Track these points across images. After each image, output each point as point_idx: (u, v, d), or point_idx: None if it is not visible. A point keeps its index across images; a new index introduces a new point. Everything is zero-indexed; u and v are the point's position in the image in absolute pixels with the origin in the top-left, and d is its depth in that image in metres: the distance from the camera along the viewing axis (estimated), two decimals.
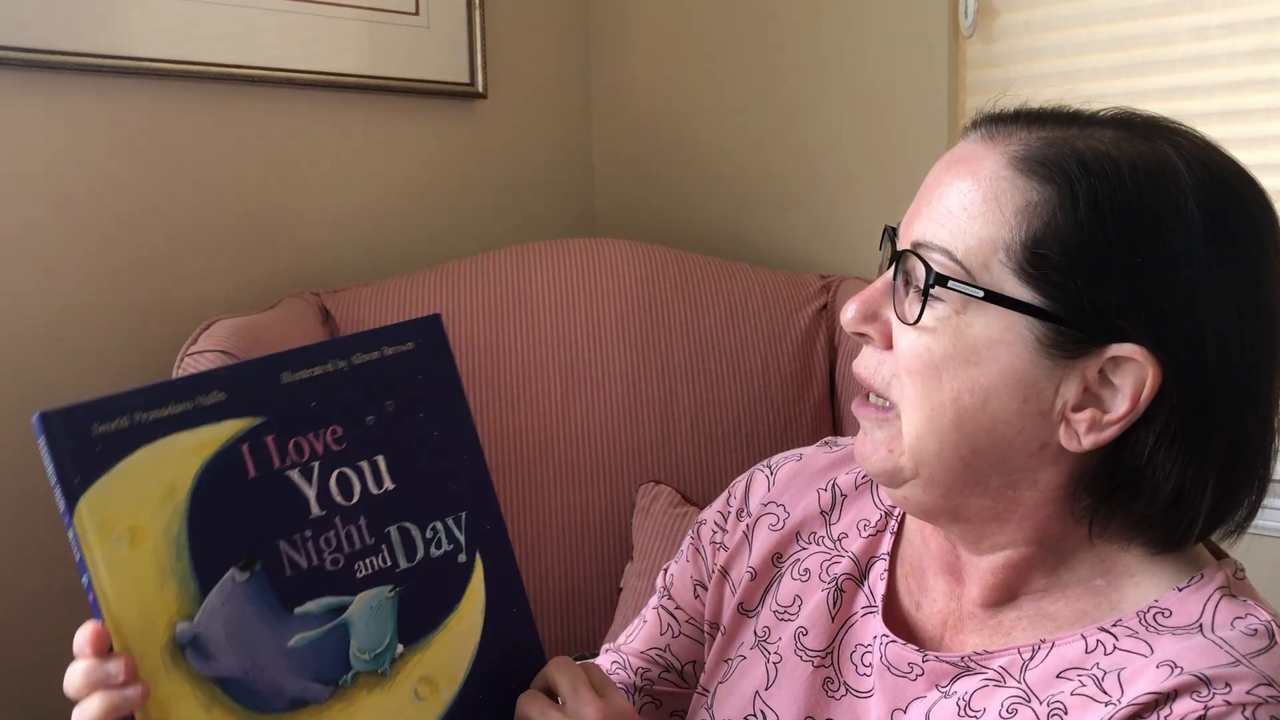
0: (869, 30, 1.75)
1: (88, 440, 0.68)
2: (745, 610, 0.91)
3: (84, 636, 0.67)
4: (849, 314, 0.76)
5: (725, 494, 0.97)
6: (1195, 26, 1.47)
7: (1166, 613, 0.72)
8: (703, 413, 1.60)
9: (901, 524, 0.86)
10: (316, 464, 0.73)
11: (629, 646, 0.96)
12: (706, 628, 0.94)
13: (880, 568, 0.85)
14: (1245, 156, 1.50)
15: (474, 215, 1.97)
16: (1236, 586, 0.73)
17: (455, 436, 0.79)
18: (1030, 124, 0.74)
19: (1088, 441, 0.70)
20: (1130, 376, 0.69)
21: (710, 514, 0.97)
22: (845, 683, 0.82)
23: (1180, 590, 0.72)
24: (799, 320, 1.65)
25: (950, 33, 1.67)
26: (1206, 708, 0.64)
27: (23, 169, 1.48)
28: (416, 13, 1.84)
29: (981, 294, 0.70)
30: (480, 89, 1.93)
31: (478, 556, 0.78)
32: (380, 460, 0.75)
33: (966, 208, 0.72)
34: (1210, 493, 0.71)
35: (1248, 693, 0.64)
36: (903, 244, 0.75)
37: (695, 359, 1.62)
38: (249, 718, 0.71)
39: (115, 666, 0.67)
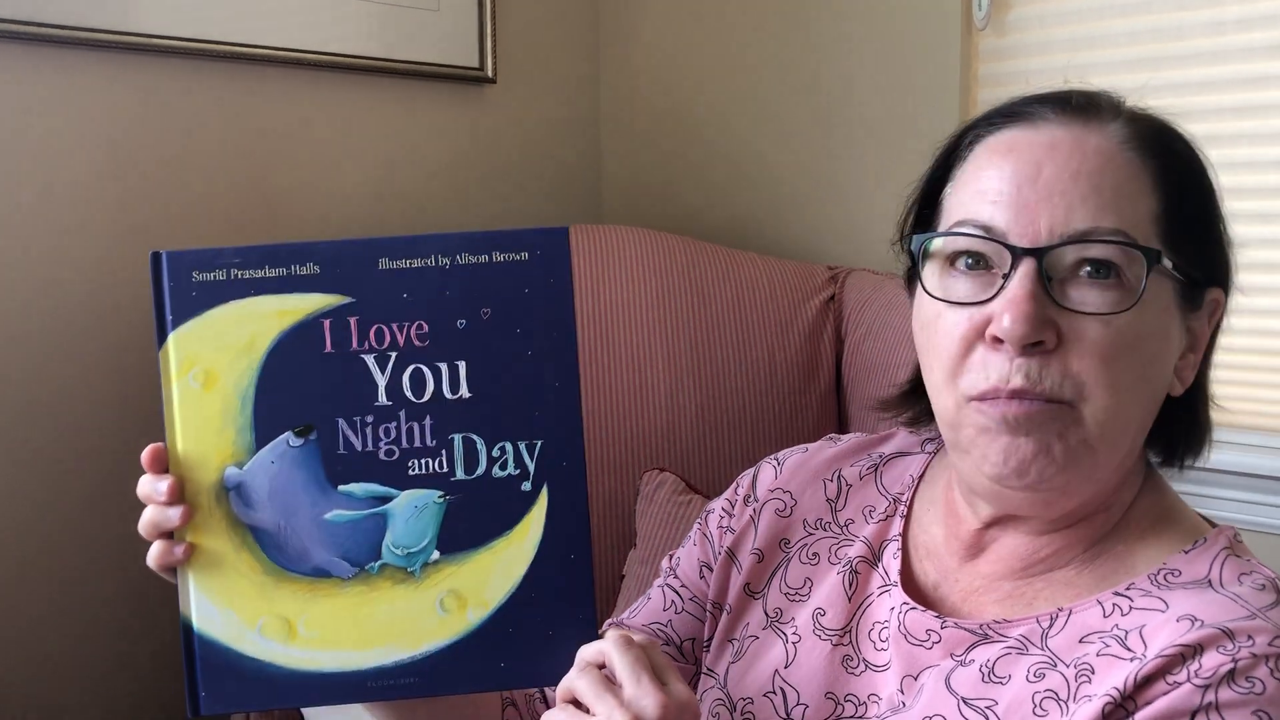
0: (881, 20, 1.75)
1: (187, 284, 0.75)
2: (752, 592, 0.92)
3: (148, 453, 0.77)
4: (1022, 326, 0.71)
5: (733, 485, 0.99)
6: (1210, 21, 1.46)
7: (1176, 572, 0.75)
8: (708, 401, 1.60)
9: (910, 509, 0.89)
10: (394, 354, 0.75)
11: (632, 621, 0.98)
12: (709, 607, 0.95)
13: (894, 548, 0.87)
14: (1260, 152, 1.50)
15: (481, 200, 1.97)
16: (1238, 548, 0.78)
17: (552, 361, 0.77)
18: (1095, 104, 0.78)
19: (1189, 378, 0.78)
20: (1206, 315, 0.78)
21: (718, 503, 0.99)
22: (864, 659, 0.84)
23: (1186, 553, 0.76)
24: (806, 311, 1.65)
25: (963, 25, 1.66)
26: (1235, 660, 0.67)
27: (29, 146, 1.48)
28: None
29: (1171, 266, 0.74)
30: (490, 74, 1.92)
31: (545, 489, 0.76)
32: (461, 366, 0.76)
33: (1119, 187, 0.73)
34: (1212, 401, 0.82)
35: (1269, 644, 0.68)
36: (1038, 239, 0.72)
37: (701, 347, 1.62)
38: (271, 570, 0.76)
39: (164, 485, 0.77)
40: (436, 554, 0.76)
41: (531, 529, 0.77)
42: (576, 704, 0.72)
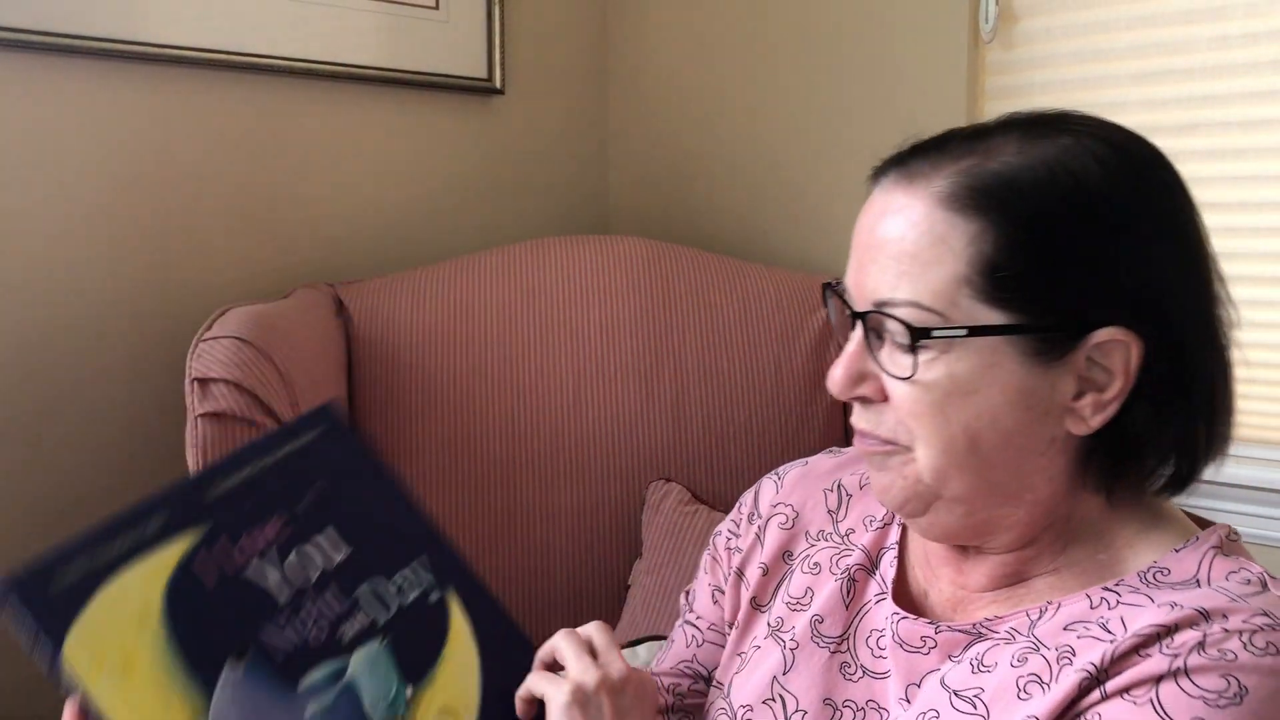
0: (889, 33, 1.75)
1: (48, 601, 0.72)
2: (758, 605, 0.94)
3: None
4: (836, 385, 0.78)
5: (736, 505, 1.01)
6: (1216, 35, 1.46)
7: (1165, 571, 0.76)
8: (714, 412, 1.60)
9: None
10: (274, 551, 0.78)
11: (659, 668, 1.01)
12: (727, 630, 0.97)
13: (890, 556, 0.88)
14: (1267, 167, 1.50)
15: (488, 210, 1.98)
16: (1229, 547, 0.78)
17: (388, 493, 0.86)
18: (937, 157, 0.77)
19: (1095, 422, 0.74)
20: (1116, 355, 0.73)
21: (724, 525, 1.01)
22: (862, 665, 0.85)
23: (1177, 551, 0.77)
24: (813, 322, 1.65)
25: (970, 37, 1.66)
26: (1205, 634, 0.69)
27: (37, 154, 1.48)
28: (436, 7, 1.84)
29: (965, 332, 0.73)
30: (498, 84, 1.93)
31: (451, 589, 0.84)
32: (330, 530, 0.81)
33: (916, 255, 0.74)
34: (1203, 435, 0.77)
35: (1244, 621, 0.69)
36: (861, 304, 0.78)
37: (708, 358, 1.62)
38: None
39: None
40: (409, 688, 0.80)
41: (460, 625, 0.84)
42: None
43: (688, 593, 1.04)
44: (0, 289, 1.46)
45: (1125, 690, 0.69)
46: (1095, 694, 0.71)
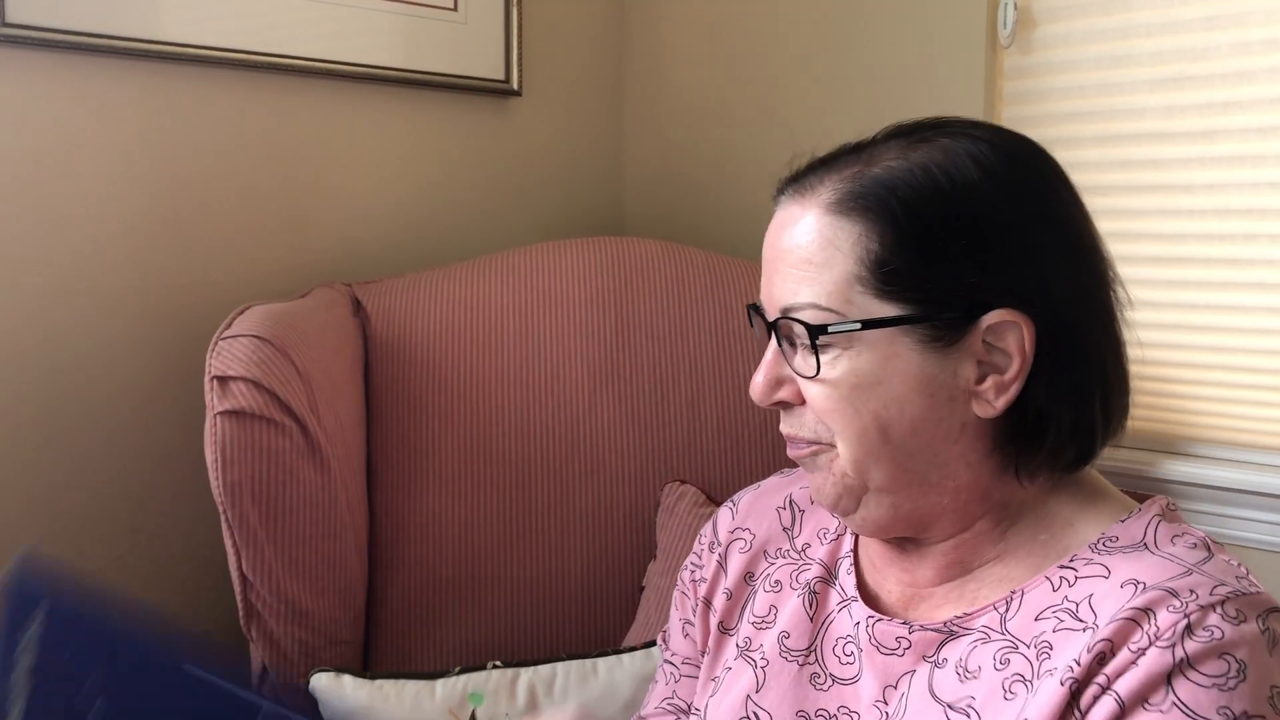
0: (906, 36, 1.75)
1: None
2: (725, 629, 0.97)
3: None
4: (756, 392, 0.84)
5: (697, 538, 1.05)
6: (1236, 42, 1.46)
7: (1114, 539, 0.80)
8: (729, 414, 1.60)
9: None
10: None
11: (645, 710, 1.05)
12: (700, 660, 1.01)
13: (847, 564, 0.92)
14: None
15: (504, 211, 1.98)
16: (1169, 515, 0.82)
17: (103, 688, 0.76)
18: (825, 171, 0.83)
19: (1000, 404, 0.79)
20: (1009, 336, 0.78)
21: (688, 560, 1.05)
22: (831, 674, 0.88)
23: (1123, 522, 0.81)
24: None
25: (988, 42, 1.66)
26: (1186, 616, 0.71)
27: (57, 153, 1.49)
28: (455, 9, 1.85)
29: (859, 326, 0.78)
30: (515, 86, 1.93)
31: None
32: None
33: (810, 260, 0.80)
34: (1099, 410, 0.81)
35: (1211, 593, 0.72)
36: (772, 314, 0.83)
37: (723, 360, 1.62)
38: None
39: None
40: None
41: None
42: None
43: (664, 632, 1.07)
44: (20, 287, 1.47)
45: (1144, 700, 0.70)
46: (1096, 694, 0.72)
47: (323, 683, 1.31)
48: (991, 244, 0.78)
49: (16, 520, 1.48)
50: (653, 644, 1.36)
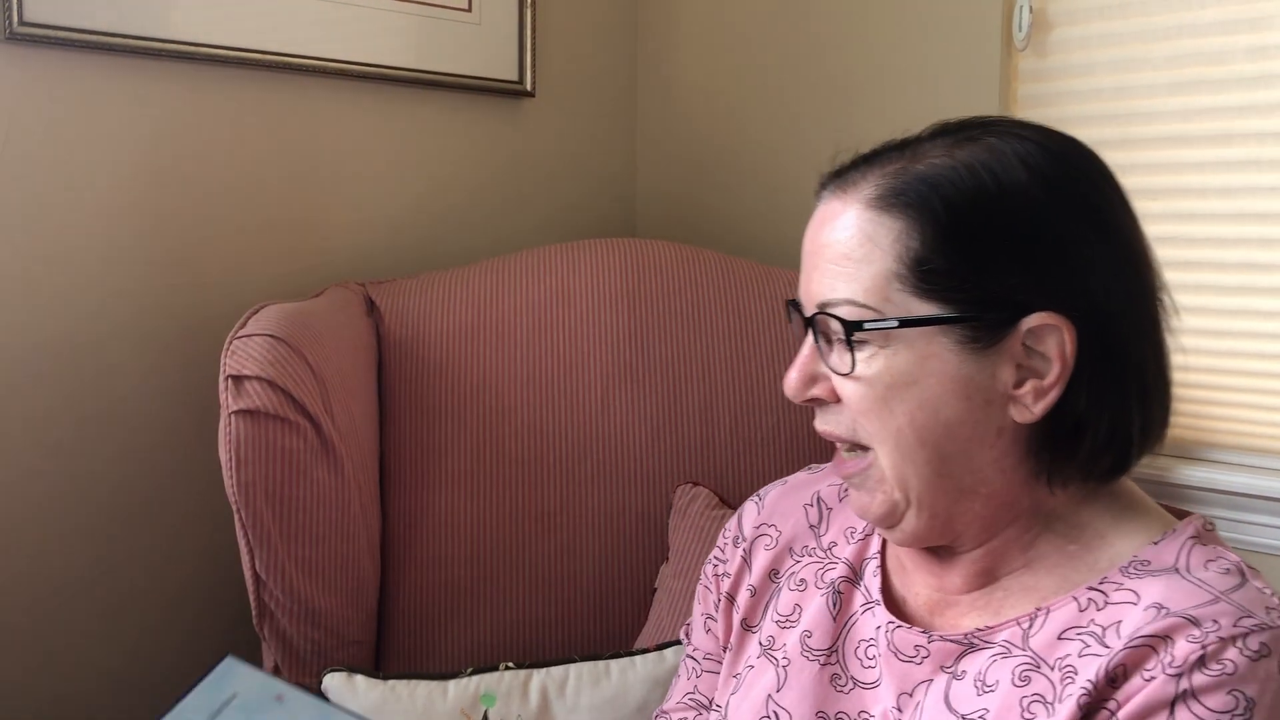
0: (922, 38, 1.75)
1: None
2: (748, 626, 0.97)
3: None
4: (790, 387, 0.83)
5: (721, 532, 1.04)
6: (1253, 46, 1.46)
7: (1146, 563, 0.78)
8: (742, 416, 1.60)
9: None
10: None
11: (667, 705, 1.04)
12: (722, 655, 1.00)
13: (873, 566, 0.91)
14: None
15: (517, 212, 1.98)
16: (1206, 537, 0.79)
17: None
18: (867, 167, 0.81)
19: (1038, 409, 0.77)
20: (1050, 340, 0.76)
21: (712, 554, 1.04)
22: (852, 677, 0.87)
23: (1156, 544, 0.79)
24: None
25: (1003, 45, 1.66)
26: (1204, 646, 0.69)
27: (69, 152, 1.49)
28: (469, 9, 1.85)
29: (896, 324, 0.77)
30: (529, 87, 1.93)
31: None
32: None
33: (849, 256, 0.78)
34: (1137, 420, 0.79)
35: (1234, 625, 0.70)
36: (808, 310, 0.81)
37: (736, 362, 1.62)
38: None
39: None
40: None
41: None
42: None
43: (687, 626, 1.06)
44: (34, 285, 1.47)
45: None
46: (1105, 718, 0.71)
47: (335, 683, 1.31)
48: (1035, 246, 0.76)
49: (28, 521, 1.49)
50: (665, 646, 1.35)
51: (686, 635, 1.06)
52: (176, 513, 1.61)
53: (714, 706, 0.96)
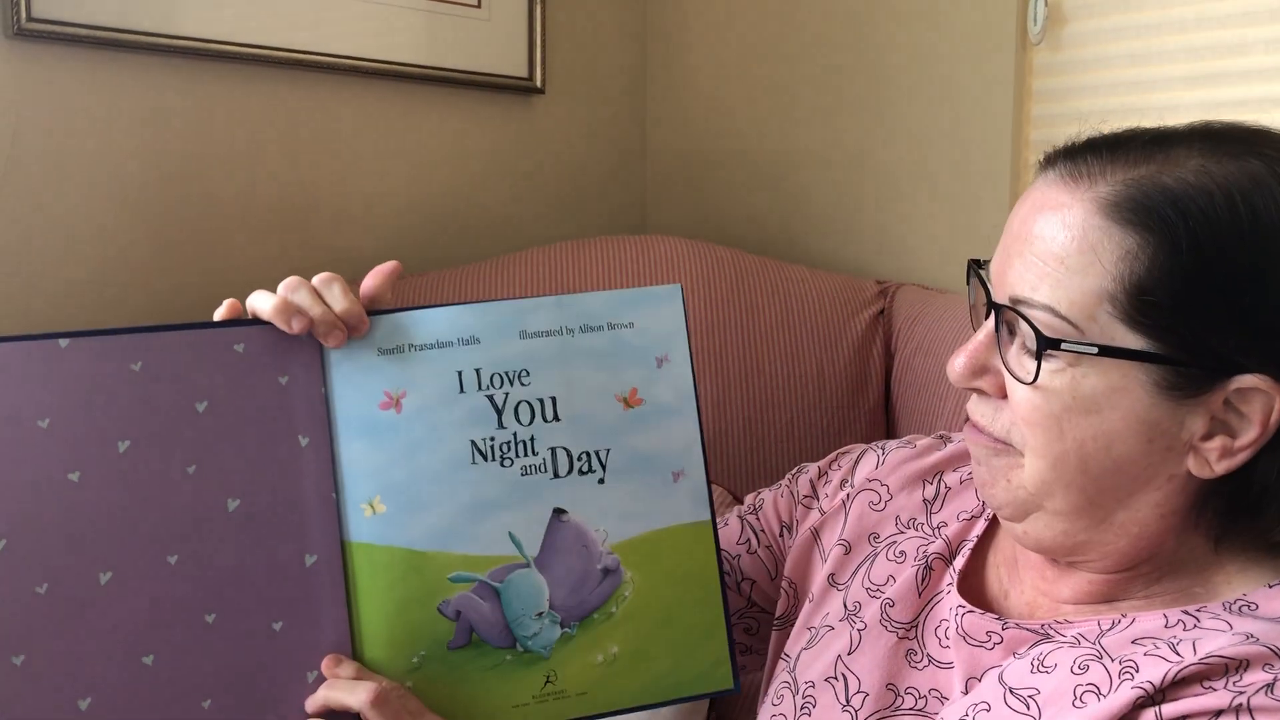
0: (935, 33, 1.74)
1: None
2: (835, 582, 0.92)
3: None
4: (957, 370, 0.77)
5: (833, 456, 0.99)
6: (1272, 38, 1.44)
7: (1253, 605, 0.73)
8: (755, 414, 1.59)
9: None
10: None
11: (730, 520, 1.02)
12: (785, 583, 0.96)
13: (967, 549, 0.86)
14: None
15: (527, 208, 1.97)
16: None
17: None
18: (1110, 158, 0.72)
19: (1220, 468, 0.71)
20: (1256, 402, 0.69)
21: (812, 468, 0.99)
22: (929, 654, 0.83)
23: (1271, 587, 0.73)
24: (855, 325, 1.63)
25: (1018, 39, 1.65)
26: (1276, 677, 0.65)
27: (78, 148, 1.49)
28: (479, 6, 1.84)
29: (1095, 350, 0.70)
30: (538, 84, 1.92)
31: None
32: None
33: (1063, 260, 0.71)
34: None
35: None
36: (999, 295, 0.75)
37: (749, 359, 1.61)
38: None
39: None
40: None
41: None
42: None
43: (757, 495, 1.03)
44: (42, 281, 1.47)
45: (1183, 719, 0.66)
46: (1150, 715, 0.68)
47: None
48: (1274, 302, 0.68)
49: None
50: None
51: (755, 505, 1.02)
52: None
53: (783, 655, 0.93)
